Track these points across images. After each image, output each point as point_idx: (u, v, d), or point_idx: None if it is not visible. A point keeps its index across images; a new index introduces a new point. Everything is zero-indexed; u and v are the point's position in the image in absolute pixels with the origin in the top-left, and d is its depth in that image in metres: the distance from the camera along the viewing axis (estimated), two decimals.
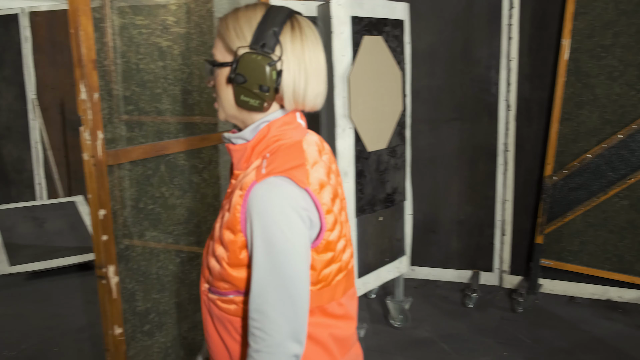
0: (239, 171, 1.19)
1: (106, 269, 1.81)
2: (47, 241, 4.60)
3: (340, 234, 1.19)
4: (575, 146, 3.76)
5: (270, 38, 1.11)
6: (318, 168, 1.16)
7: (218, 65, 1.16)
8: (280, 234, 1.05)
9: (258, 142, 1.17)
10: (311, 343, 1.17)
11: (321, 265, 1.15)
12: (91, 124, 1.77)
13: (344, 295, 1.23)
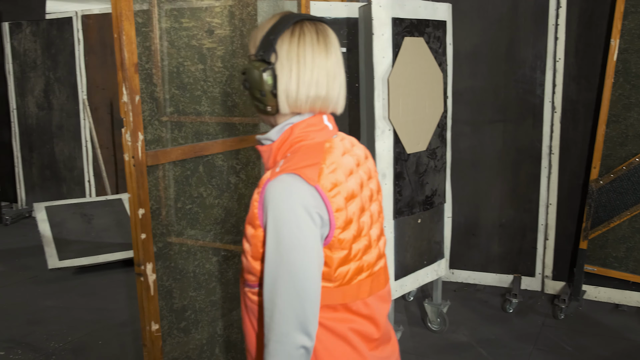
0: (267, 170, 1.25)
1: (144, 266, 1.86)
2: (94, 237, 4.75)
3: (358, 234, 1.21)
4: (623, 149, 3.65)
5: (267, 45, 1.18)
6: (338, 170, 1.19)
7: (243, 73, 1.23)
8: (288, 230, 1.10)
9: (282, 143, 1.22)
10: (332, 336, 1.21)
11: (336, 263, 1.18)
12: (132, 126, 1.83)
13: (370, 296, 1.26)
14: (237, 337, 2.38)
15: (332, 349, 1.21)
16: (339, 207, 1.16)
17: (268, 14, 2.53)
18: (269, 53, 1.17)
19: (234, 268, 2.33)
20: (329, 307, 1.20)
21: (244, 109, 2.38)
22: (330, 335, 1.21)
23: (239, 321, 2.38)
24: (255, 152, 2.44)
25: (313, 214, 1.12)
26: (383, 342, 1.33)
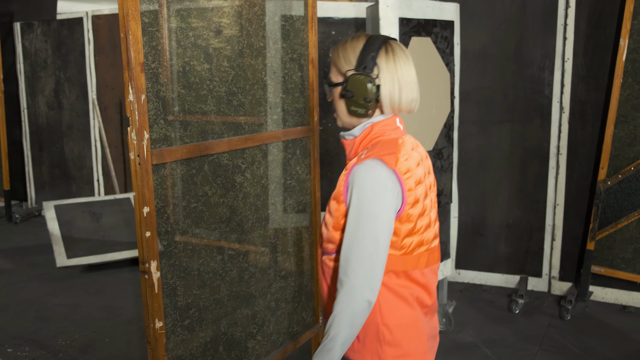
0: (349, 161, 1.54)
1: (149, 264, 1.88)
2: (102, 235, 4.78)
3: (422, 212, 1.48)
4: (631, 150, 3.63)
5: (369, 61, 1.47)
6: (409, 159, 1.48)
7: (333, 85, 1.53)
8: (368, 203, 1.38)
9: (364, 138, 1.51)
10: (394, 297, 1.47)
11: (403, 234, 1.45)
12: (137, 125, 1.85)
13: (426, 267, 1.52)
14: (241, 335, 2.39)
15: (394, 307, 1.47)
16: (410, 187, 1.44)
17: (275, 14, 2.53)
18: (372, 67, 1.46)
19: (238, 267, 2.35)
20: (393, 272, 1.46)
21: (249, 108, 2.39)
22: (393, 296, 1.47)
23: (243, 319, 2.39)
24: (261, 152, 2.45)
25: (390, 191, 1.39)
26: (433, 311, 1.59)
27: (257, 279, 2.48)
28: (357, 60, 1.47)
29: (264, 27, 2.47)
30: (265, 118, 2.49)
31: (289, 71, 2.61)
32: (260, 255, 2.50)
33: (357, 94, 1.47)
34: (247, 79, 2.37)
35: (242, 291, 2.38)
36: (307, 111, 2.73)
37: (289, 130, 2.61)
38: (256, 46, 2.42)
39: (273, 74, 2.54)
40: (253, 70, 2.40)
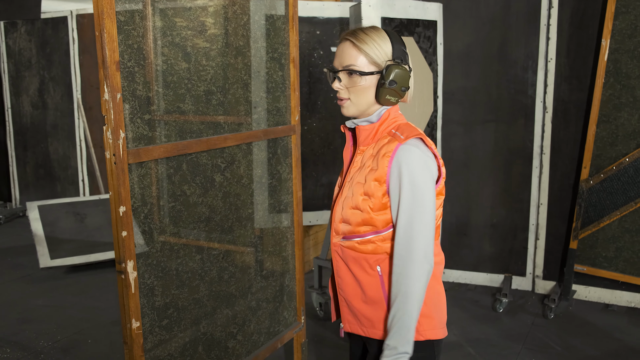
0: (365, 147, 1.60)
1: (125, 264, 1.86)
2: (87, 236, 4.75)
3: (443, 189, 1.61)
4: (613, 149, 3.65)
5: (404, 54, 1.57)
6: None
7: (366, 74, 1.54)
8: (421, 177, 1.48)
9: (382, 123, 1.59)
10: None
11: (438, 205, 1.57)
12: (113, 124, 1.83)
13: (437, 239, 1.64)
14: (221, 335, 2.38)
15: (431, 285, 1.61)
16: (442, 163, 1.57)
17: (255, 13, 2.53)
18: (406, 59, 1.57)
19: (218, 266, 2.33)
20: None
21: (229, 107, 2.38)
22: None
23: (222, 319, 2.38)
24: (241, 151, 2.44)
25: (431, 166, 1.51)
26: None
27: (238, 279, 2.47)
28: (393, 52, 1.55)
29: (244, 26, 2.46)
30: (245, 117, 2.48)
31: (269, 70, 2.61)
32: (241, 254, 2.49)
33: (398, 83, 1.53)
34: (226, 78, 2.36)
35: (222, 291, 2.37)
36: (288, 110, 2.72)
37: (270, 130, 2.60)
38: (236, 45, 2.41)
39: (253, 73, 2.53)
40: (233, 69, 2.39)
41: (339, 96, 1.59)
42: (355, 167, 1.61)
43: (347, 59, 1.55)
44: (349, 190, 1.59)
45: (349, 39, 1.56)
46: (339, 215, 1.61)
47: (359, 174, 1.58)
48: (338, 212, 1.62)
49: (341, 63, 1.56)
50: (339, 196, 1.64)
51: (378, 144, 1.57)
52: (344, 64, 1.55)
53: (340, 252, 1.63)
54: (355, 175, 1.59)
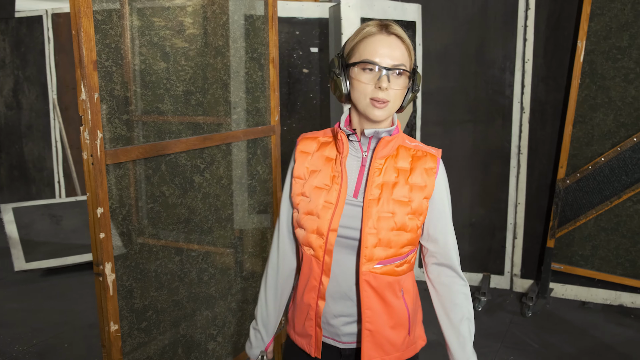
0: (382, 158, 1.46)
1: (103, 266, 1.84)
2: (63, 238, 4.68)
3: None
4: (589, 149, 3.71)
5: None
6: None
7: (410, 77, 1.43)
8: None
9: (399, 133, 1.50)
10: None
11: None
12: (90, 124, 1.81)
13: None
14: (201, 337, 2.36)
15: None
16: None
17: (234, 13, 2.51)
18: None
19: (197, 268, 2.32)
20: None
21: (208, 107, 2.36)
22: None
23: (202, 321, 2.36)
24: (221, 152, 2.42)
25: None
26: None
27: (218, 280, 2.45)
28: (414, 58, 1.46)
29: (223, 26, 2.44)
30: (224, 117, 2.46)
31: (249, 70, 2.59)
32: (221, 256, 2.47)
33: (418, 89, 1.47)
34: (205, 78, 2.34)
35: (201, 292, 2.35)
36: (268, 111, 2.71)
37: (249, 130, 2.58)
38: (215, 45, 2.40)
39: (233, 73, 2.51)
40: (212, 69, 2.38)
41: (381, 97, 1.37)
42: (377, 178, 1.45)
43: (398, 57, 1.39)
44: (386, 208, 1.43)
45: (395, 34, 1.40)
46: (373, 239, 1.42)
47: (397, 190, 1.44)
48: (369, 235, 1.42)
49: (391, 60, 1.38)
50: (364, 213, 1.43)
51: (405, 158, 1.47)
52: (395, 62, 1.38)
53: (374, 280, 1.45)
54: (386, 192, 1.44)
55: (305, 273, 1.51)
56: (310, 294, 1.50)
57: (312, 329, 1.52)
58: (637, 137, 3.53)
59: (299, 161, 1.53)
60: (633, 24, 3.50)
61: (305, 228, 1.48)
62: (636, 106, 3.54)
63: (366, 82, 1.38)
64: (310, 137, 1.56)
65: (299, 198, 1.50)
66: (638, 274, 3.66)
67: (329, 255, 1.44)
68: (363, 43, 1.40)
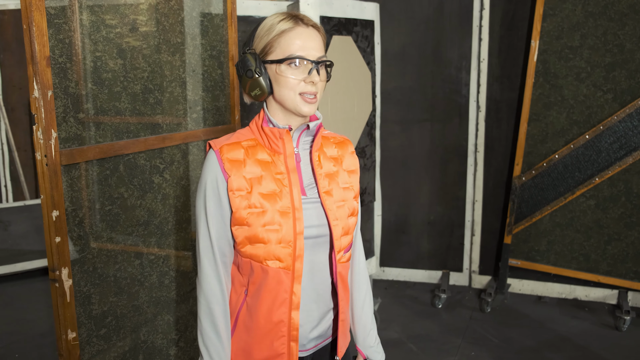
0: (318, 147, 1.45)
1: (59, 271, 1.76)
2: (11, 244, 4.50)
3: None
4: (543, 147, 3.79)
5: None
6: None
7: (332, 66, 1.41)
8: None
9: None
10: None
11: None
12: (44, 123, 1.72)
13: None
14: (163, 342, 2.29)
15: None
16: None
17: (192, 9, 2.45)
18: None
19: (158, 271, 2.25)
20: None
21: (167, 106, 2.29)
22: None
23: (164, 326, 2.29)
24: (180, 151, 2.36)
25: None
26: None
27: (179, 284, 2.38)
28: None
29: (182, 23, 2.38)
30: (183, 117, 2.40)
31: (208, 68, 2.54)
32: (182, 258, 2.41)
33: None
34: (163, 76, 2.28)
35: (162, 296, 2.28)
36: (228, 109, 2.66)
37: (210, 129, 2.53)
38: (173, 42, 2.33)
39: (192, 72, 2.45)
40: (170, 67, 2.31)
41: (313, 91, 1.34)
42: (321, 170, 1.43)
43: (321, 49, 1.36)
44: (337, 197, 1.42)
45: (313, 25, 1.37)
46: (338, 230, 1.41)
47: (340, 179, 1.45)
48: (336, 227, 1.40)
49: (317, 53, 1.34)
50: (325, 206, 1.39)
51: (330, 146, 1.49)
52: (320, 55, 1.35)
53: (343, 269, 1.45)
54: (333, 182, 1.44)
55: (270, 289, 1.37)
56: (280, 310, 1.37)
57: (284, 346, 1.39)
58: (589, 134, 3.62)
59: (233, 172, 1.35)
60: (584, 24, 3.60)
61: (267, 241, 1.35)
62: (588, 104, 3.64)
63: (295, 77, 1.33)
64: (232, 143, 1.40)
65: (245, 212, 1.34)
66: (591, 268, 3.77)
67: (299, 261, 1.36)
68: (283, 38, 1.33)
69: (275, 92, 1.36)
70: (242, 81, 1.39)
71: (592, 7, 3.56)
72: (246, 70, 1.36)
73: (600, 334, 3.44)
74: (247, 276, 1.41)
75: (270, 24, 1.35)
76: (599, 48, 3.58)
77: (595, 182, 3.65)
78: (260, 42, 1.36)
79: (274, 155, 1.39)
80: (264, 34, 1.35)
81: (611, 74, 3.57)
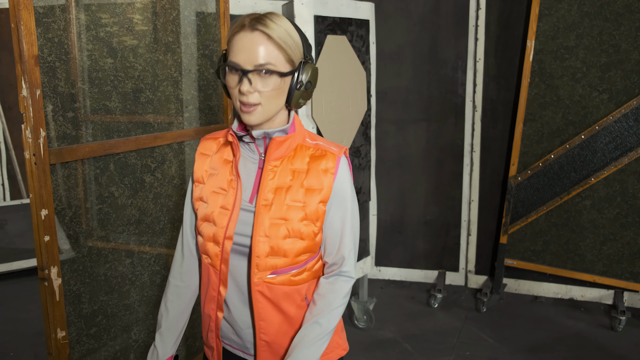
0: (277, 160, 1.36)
1: (48, 270, 1.75)
2: (7, 243, 4.50)
3: None
4: (539, 147, 3.78)
5: (309, 48, 1.35)
6: None
7: (285, 74, 1.28)
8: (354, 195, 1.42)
9: (296, 132, 1.38)
10: None
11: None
12: (32, 122, 1.72)
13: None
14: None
15: None
16: None
17: (184, 8, 2.45)
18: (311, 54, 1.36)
19: (149, 270, 2.24)
20: None
21: (159, 105, 2.29)
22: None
23: (155, 324, 2.29)
24: (172, 151, 2.36)
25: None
26: None
27: None
28: (304, 48, 1.32)
29: (174, 22, 2.38)
30: (176, 116, 2.40)
31: (200, 67, 2.53)
32: (173, 257, 2.40)
33: (313, 84, 1.34)
34: (155, 75, 2.28)
35: (154, 295, 2.28)
36: (221, 109, 2.66)
37: (202, 129, 2.52)
38: (165, 41, 2.33)
39: (184, 71, 2.45)
40: (162, 66, 2.31)
41: (246, 101, 1.26)
42: (269, 181, 1.34)
43: (262, 55, 1.25)
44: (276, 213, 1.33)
45: (260, 29, 1.25)
46: (264, 248, 1.32)
47: (290, 195, 1.34)
48: (260, 243, 1.32)
49: (253, 60, 1.24)
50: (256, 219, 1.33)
51: (302, 158, 1.36)
52: (257, 62, 1.24)
53: (268, 291, 1.35)
54: (279, 196, 1.34)
55: (204, 283, 1.44)
56: (210, 304, 1.42)
57: (213, 340, 1.45)
58: (585, 134, 3.62)
59: (197, 163, 1.43)
60: (579, 24, 3.59)
61: (203, 235, 1.39)
62: (583, 104, 3.64)
63: (233, 85, 1.28)
64: (212, 137, 1.45)
65: (197, 203, 1.42)
66: (587, 268, 3.76)
67: (225, 264, 1.36)
68: (231, 41, 1.28)
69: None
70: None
71: (587, 7, 3.56)
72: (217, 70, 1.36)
73: (596, 334, 3.44)
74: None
75: (233, 25, 1.31)
76: (594, 48, 3.58)
77: (590, 182, 3.65)
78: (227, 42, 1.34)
79: (233, 157, 1.40)
80: (228, 34, 1.32)
81: (607, 74, 3.56)
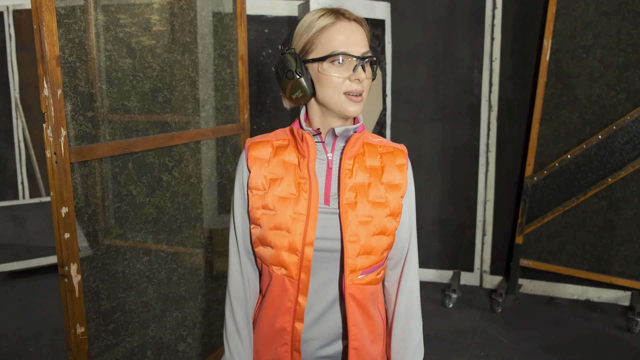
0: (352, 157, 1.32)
1: (68, 267, 1.79)
2: (27, 241, 4.56)
3: None
4: (556, 147, 3.76)
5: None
6: None
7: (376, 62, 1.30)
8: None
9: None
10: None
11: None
12: (54, 121, 1.76)
13: None
14: (171, 338, 2.32)
15: None
16: None
17: (202, 9, 2.48)
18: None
19: (166, 268, 2.27)
20: None
21: (176, 105, 2.32)
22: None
23: (172, 322, 2.32)
24: (189, 150, 2.38)
25: None
26: None
27: (187, 280, 2.41)
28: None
29: (191, 22, 2.40)
30: (193, 115, 2.43)
31: (217, 67, 2.56)
32: (190, 255, 2.43)
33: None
34: (173, 75, 2.30)
35: (171, 293, 2.31)
36: (237, 108, 2.68)
37: (219, 128, 2.55)
38: (183, 41, 2.36)
39: (201, 71, 2.48)
40: (180, 66, 2.34)
41: (359, 91, 1.25)
42: (349, 180, 1.30)
43: (365, 44, 1.27)
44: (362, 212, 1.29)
45: (355, 19, 1.27)
46: (355, 248, 1.27)
47: (372, 192, 1.31)
48: (350, 244, 1.27)
49: (362, 49, 1.25)
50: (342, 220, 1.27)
51: (373, 155, 1.34)
52: (365, 50, 1.25)
53: (358, 293, 1.30)
54: (361, 194, 1.30)
55: (275, 296, 1.33)
56: (284, 317, 1.32)
57: (287, 354, 1.35)
58: (601, 134, 3.59)
59: (254, 170, 1.32)
60: (597, 24, 3.57)
61: (274, 245, 1.29)
62: (601, 104, 3.61)
63: (339, 75, 1.23)
64: (262, 141, 1.37)
65: (259, 212, 1.31)
66: (604, 269, 3.74)
67: (305, 272, 1.27)
68: (324, 34, 1.25)
69: (318, 93, 1.27)
70: (282, 84, 1.29)
71: (605, 6, 3.53)
72: (286, 72, 1.27)
73: (612, 335, 3.41)
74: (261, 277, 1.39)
75: (310, 21, 1.27)
76: (612, 47, 3.55)
77: (608, 182, 3.62)
78: (299, 40, 1.28)
79: (301, 158, 1.31)
80: (303, 32, 1.27)
81: (625, 73, 3.53)
